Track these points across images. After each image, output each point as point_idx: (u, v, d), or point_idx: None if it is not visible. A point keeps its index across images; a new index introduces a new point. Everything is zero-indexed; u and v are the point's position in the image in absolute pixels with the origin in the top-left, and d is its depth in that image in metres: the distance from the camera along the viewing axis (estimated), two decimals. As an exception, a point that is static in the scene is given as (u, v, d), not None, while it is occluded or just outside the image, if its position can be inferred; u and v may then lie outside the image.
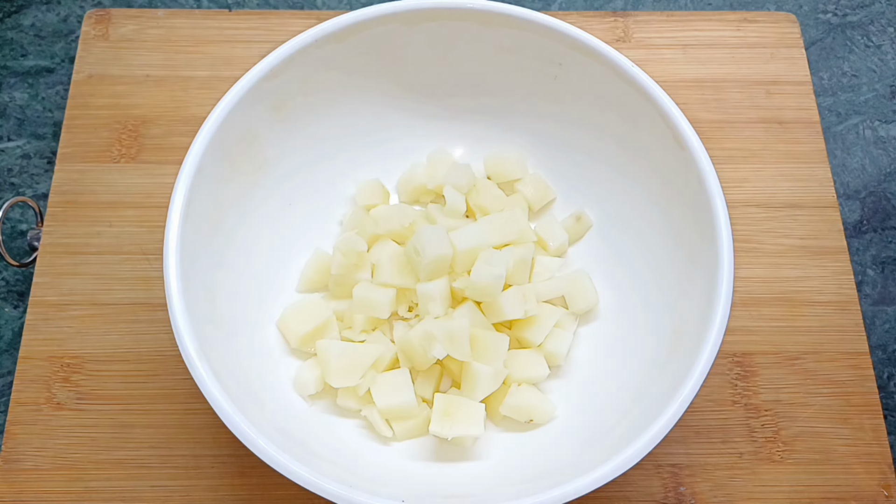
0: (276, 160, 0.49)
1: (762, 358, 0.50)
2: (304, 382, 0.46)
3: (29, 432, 0.48)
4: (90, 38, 0.58)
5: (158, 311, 0.50)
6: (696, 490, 0.47)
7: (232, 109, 0.45)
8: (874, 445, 0.48)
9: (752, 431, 0.48)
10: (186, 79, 0.57)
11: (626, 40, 0.58)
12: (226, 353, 0.43)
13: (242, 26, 0.59)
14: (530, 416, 0.45)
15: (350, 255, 0.48)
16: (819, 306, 0.52)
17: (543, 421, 0.45)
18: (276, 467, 0.38)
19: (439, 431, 0.43)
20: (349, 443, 0.45)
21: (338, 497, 0.37)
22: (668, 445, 0.48)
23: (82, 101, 0.56)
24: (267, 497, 0.46)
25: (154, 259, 0.52)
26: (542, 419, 0.45)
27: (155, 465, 0.47)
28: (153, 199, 0.53)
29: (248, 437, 0.38)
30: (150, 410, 0.48)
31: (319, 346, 0.46)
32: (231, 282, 0.46)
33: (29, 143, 0.56)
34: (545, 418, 0.45)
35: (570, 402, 0.46)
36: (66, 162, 0.54)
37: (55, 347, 0.50)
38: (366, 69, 0.50)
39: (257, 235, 0.48)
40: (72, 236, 0.52)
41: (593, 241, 0.51)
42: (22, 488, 0.46)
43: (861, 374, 0.50)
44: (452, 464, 0.45)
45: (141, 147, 0.55)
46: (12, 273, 0.53)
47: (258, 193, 0.49)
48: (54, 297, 0.51)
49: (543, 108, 0.51)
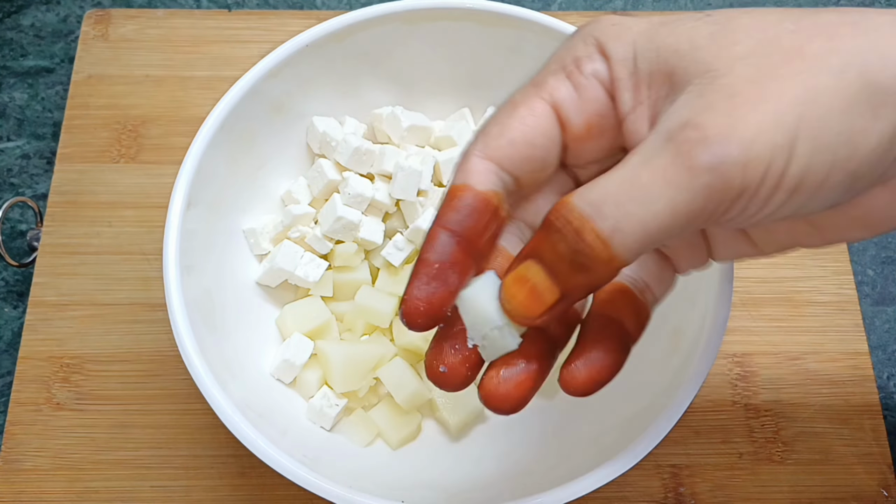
0: (275, 160, 0.49)
1: (762, 358, 0.50)
2: (305, 383, 0.46)
3: (28, 432, 0.48)
4: (90, 39, 0.58)
5: (158, 312, 0.50)
6: (696, 490, 0.47)
7: (232, 109, 0.45)
8: (874, 446, 0.48)
9: (751, 432, 0.48)
10: (186, 79, 0.57)
11: (626, 40, 0.58)
12: (225, 353, 0.43)
13: (242, 26, 0.59)
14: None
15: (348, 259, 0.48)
16: (819, 306, 0.52)
17: (548, 395, 0.45)
18: (276, 468, 0.38)
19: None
20: (349, 443, 0.45)
21: (337, 497, 0.37)
22: (667, 446, 0.48)
23: (82, 102, 0.56)
24: (267, 497, 0.46)
25: (154, 259, 0.52)
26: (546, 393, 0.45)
27: (155, 466, 0.47)
28: (153, 200, 0.53)
29: (248, 437, 0.38)
30: (149, 411, 0.48)
31: (320, 348, 0.46)
32: (230, 282, 0.47)
33: (28, 144, 0.56)
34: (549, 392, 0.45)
35: (569, 402, 0.46)
36: (66, 162, 0.54)
37: (55, 348, 0.49)
38: (365, 69, 0.50)
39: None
40: (71, 236, 0.52)
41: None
42: (21, 489, 0.46)
43: (861, 375, 0.50)
44: (452, 464, 0.45)
45: (140, 147, 0.55)
46: (12, 273, 0.53)
47: (258, 193, 0.49)
48: (54, 298, 0.51)
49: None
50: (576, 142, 0.30)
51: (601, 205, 0.26)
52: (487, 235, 0.30)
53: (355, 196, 0.47)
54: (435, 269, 0.29)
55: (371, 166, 0.49)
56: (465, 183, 0.29)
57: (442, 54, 0.50)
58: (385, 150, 0.48)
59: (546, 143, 0.30)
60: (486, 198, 0.29)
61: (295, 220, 0.47)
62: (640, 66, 0.28)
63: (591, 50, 0.30)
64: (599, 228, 0.26)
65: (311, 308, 0.47)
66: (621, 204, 0.25)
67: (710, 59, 0.27)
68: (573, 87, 0.30)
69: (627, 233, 0.25)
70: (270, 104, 0.47)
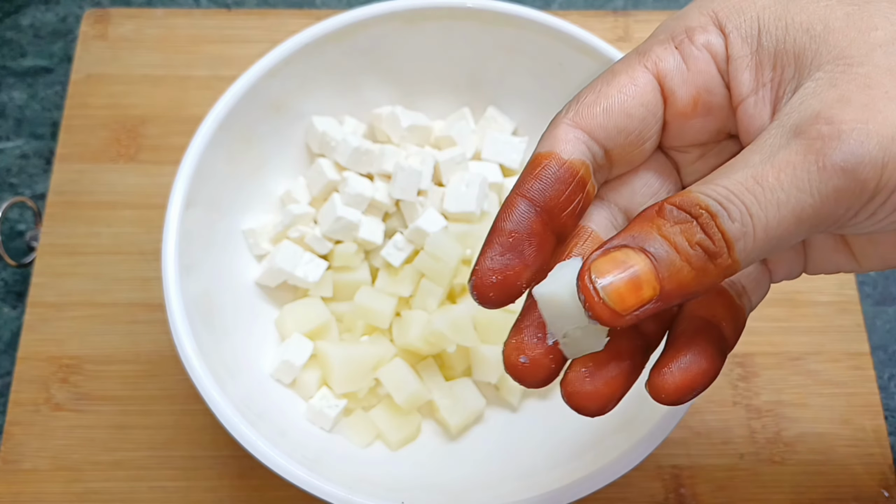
0: (275, 160, 0.49)
1: (763, 359, 0.50)
2: (304, 384, 0.46)
3: (27, 433, 0.47)
4: (89, 38, 0.58)
5: (157, 312, 0.50)
6: (697, 491, 0.47)
7: (231, 109, 0.45)
8: (875, 446, 0.48)
9: (753, 432, 0.48)
10: (185, 78, 0.57)
11: (627, 40, 0.58)
12: (224, 353, 0.43)
13: (241, 26, 0.59)
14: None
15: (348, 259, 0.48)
16: (820, 307, 0.51)
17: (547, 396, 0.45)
18: (275, 469, 0.38)
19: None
20: (349, 444, 0.45)
21: (337, 498, 0.37)
22: (668, 447, 0.48)
23: (81, 101, 0.56)
24: (266, 498, 0.46)
25: (152, 259, 0.51)
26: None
27: (154, 466, 0.47)
28: (152, 200, 0.53)
29: (247, 438, 0.38)
30: (148, 411, 0.48)
31: (320, 348, 0.46)
32: (230, 282, 0.46)
33: (27, 143, 0.56)
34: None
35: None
36: (65, 162, 0.54)
37: (53, 348, 0.49)
38: (365, 68, 0.49)
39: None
40: (70, 236, 0.52)
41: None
42: (20, 489, 0.46)
43: (862, 375, 0.50)
44: (452, 464, 0.45)
45: (139, 147, 0.55)
46: (11, 273, 0.53)
47: (257, 193, 0.49)
48: (53, 298, 0.51)
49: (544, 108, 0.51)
50: (678, 118, 0.28)
51: (728, 203, 0.23)
52: (570, 209, 0.27)
53: (355, 196, 0.47)
54: (510, 240, 0.26)
55: (371, 166, 0.48)
56: (551, 150, 0.27)
57: (442, 54, 0.50)
58: (385, 150, 0.48)
59: (645, 115, 0.27)
60: (573, 167, 0.27)
61: (294, 220, 0.47)
62: (764, 44, 0.26)
63: (705, 20, 0.27)
64: (726, 229, 0.23)
65: (311, 308, 0.47)
66: (748, 205, 0.23)
67: (845, 45, 0.24)
68: (682, 58, 0.27)
69: (750, 237, 0.23)
70: (270, 104, 0.47)
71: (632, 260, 0.24)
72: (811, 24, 0.25)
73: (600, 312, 0.24)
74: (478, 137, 0.51)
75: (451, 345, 0.44)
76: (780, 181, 0.23)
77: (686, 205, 0.24)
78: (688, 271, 0.24)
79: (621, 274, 0.24)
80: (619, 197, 0.29)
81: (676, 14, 0.28)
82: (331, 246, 0.48)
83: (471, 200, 0.47)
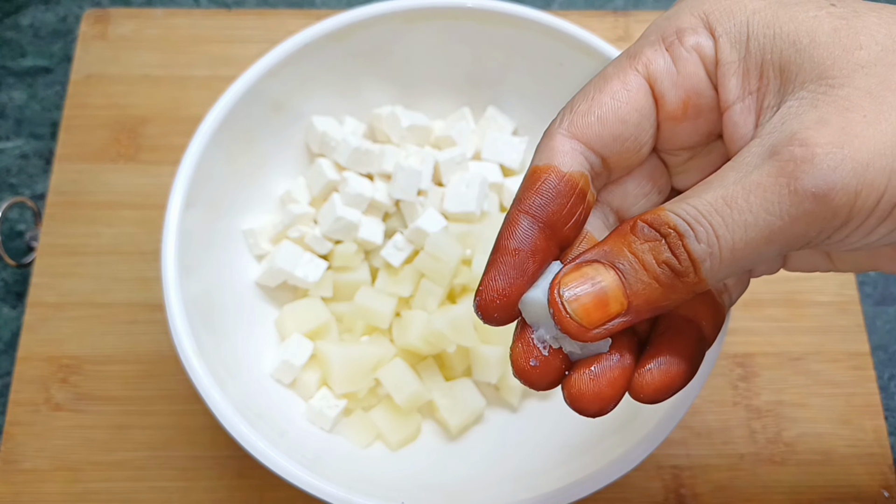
0: (274, 160, 0.49)
1: (763, 359, 0.50)
2: (304, 384, 0.46)
3: (27, 433, 0.47)
4: (88, 38, 0.58)
5: (157, 312, 0.50)
6: (698, 492, 0.47)
7: (231, 109, 0.44)
8: (875, 446, 0.48)
9: (753, 433, 0.48)
10: (185, 78, 0.57)
11: (627, 39, 0.58)
12: (224, 354, 0.43)
13: (241, 25, 0.59)
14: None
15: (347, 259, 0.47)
16: (820, 307, 0.51)
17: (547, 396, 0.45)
18: (275, 469, 0.38)
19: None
20: (349, 444, 0.45)
21: (337, 499, 0.37)
22: (668, 447, 0.47)
23: (80, 101, 0.56)
24: (265, 499, 0.46)
25: (152, 259, 0.51)
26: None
27: (153, 467, 0.47)
28: (151, 200, 0.53)
29: (247, 438, 0.38)
30: (148, 412, 0.48)
31: (320, 349, 0.46)
32: (229, 282, 0.46)
33: (27, 143, 0.56)
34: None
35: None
36: (65, 162, 0.54)
37: (53, 348, 0.49)
38: (365, 68, 0.49)
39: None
40: (70, 236, 0.52)
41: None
42: (20, 489, 0.46)
43: (862, 375, 0.50)
44: (452, 465, 0.45)
45: (139, 147, 0.55)
46: (10, 273, 0.53)
47: (257, 193, 0.49)
48: (52, 298, 0.51)
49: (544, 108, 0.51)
50: (669, 121, 0.28)
51: (695, 224, 0.24)
52: (572, 221, 0.27)
53: (355, 196, 0.47)
54: (514, 258, 0.26)
55: (371, 166, 0.48)
56: (549, 163, 0.27)
57: (442, 54, 0.50)
58: (385, 150, 0.48)
59: (639, 120, 0.27)
60: (573, 180, 0.27)
61: (294, 220, 0.47)
62: (752, 51, 0.26)
63: (696, 22, 0.27)
64: (692, 249, 0.24)
65: (311, 308, 0.47)
66: (715, 226, 0.23)
67: (829, 63, 0.24)
68: (671, 60, 0.27)
69: (716, 258, 0.24)
70: (269, 104, 0.47)
71: (600, 275, 0.25)
72: (798, 35, 0.25)
73: (567, 326, 0.25)
74: (478, 137, 0.51)
75: (451, 345, 0.44)
76: (749, 203, 0.23)
77: (656, 223, 0.24)
78: (655, 287, 0.24)
79: (588, 289, 0.25)
80: (612, 198, 0.30)
81: (667, 13, 0.28)
82: (331, 246, 0.48)
83: (471, 200, 0.47)
